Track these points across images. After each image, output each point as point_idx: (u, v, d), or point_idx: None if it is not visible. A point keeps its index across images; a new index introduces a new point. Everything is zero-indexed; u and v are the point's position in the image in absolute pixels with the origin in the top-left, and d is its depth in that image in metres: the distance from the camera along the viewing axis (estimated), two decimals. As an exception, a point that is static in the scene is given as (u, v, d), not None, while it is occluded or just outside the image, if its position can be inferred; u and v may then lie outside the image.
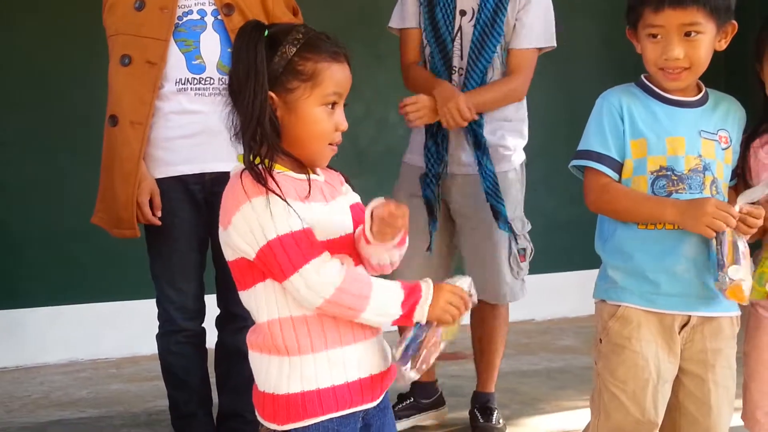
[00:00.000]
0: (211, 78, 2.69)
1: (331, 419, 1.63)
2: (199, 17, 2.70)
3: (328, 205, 1.67)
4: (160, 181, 2.74)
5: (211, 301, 2.91)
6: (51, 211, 4.52)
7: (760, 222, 1.93)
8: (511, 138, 3.17)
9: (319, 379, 1.62)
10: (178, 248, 2.80)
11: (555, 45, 3.24)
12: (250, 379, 2.78)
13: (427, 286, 1.63)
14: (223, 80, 2.66)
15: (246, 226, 1.58)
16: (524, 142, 3.27)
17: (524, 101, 3.24)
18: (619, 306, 2.06)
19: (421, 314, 1.62)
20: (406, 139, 3.38)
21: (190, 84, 2.70)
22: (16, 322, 4.50)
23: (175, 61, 2.69)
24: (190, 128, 2.72)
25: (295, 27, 1.68)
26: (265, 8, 2.73)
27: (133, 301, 4.59)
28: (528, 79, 3.16)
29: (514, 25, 3.08)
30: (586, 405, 3.27)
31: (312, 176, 1.67)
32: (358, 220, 1.70)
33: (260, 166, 1.61)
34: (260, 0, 2.74)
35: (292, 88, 1.63)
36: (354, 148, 4.74)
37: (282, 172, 1.63)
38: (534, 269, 5.33)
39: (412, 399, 3.38)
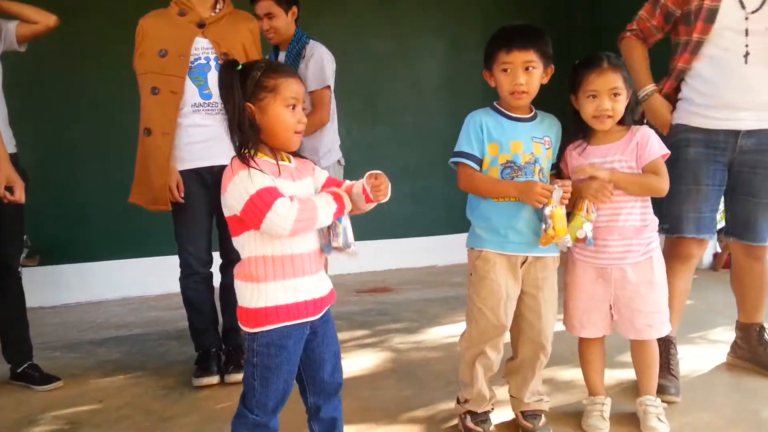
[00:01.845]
0: (216, 102, 2.66)
1: (286, 326, 1.64)
2: (205, 61, 2.68)
3: (295, 183, 1.68)
4: (182, 173, 2.71)
5: (216, 255, 2.88)
6: (109, 195, 4.46)
7: (567, 192, 1.96)
8: (322, 150, 3.16)
9: (278, 299, 1.63)
10: (194, 218, 2.76)
11: (328, 84, 3.11)
12: None
13: (338, 189, 1.72)
14: None
15: (236, 190, 1.59)
16: (330, 153, 3.22)
17: (330, 131, 3.21)
18: (482, 251, 2.06)
19: (348, 203, 1.70)
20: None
21: (203, 107, 2.68)
22: (86, 271, 4.46)
23: (191, 91, 2.67)
24: (202, 136, 2.69)
25: (259, 61, 1.73)
26: (246, 54, 2.72)
27: (165, 256, 4.53)
28: (322, 112, 3.10)
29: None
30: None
31: (283, 163, 1.68)
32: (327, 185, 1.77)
33: (246, 153, 1.62)
34: (243, 50, 2.73)
35: (262, 98, 1.64)
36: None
37: (262, 158, 1.65)
38: (437, 232, 5.45)
39: None
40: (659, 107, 2.50)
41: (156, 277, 4.55)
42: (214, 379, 2.72)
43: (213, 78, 2.67)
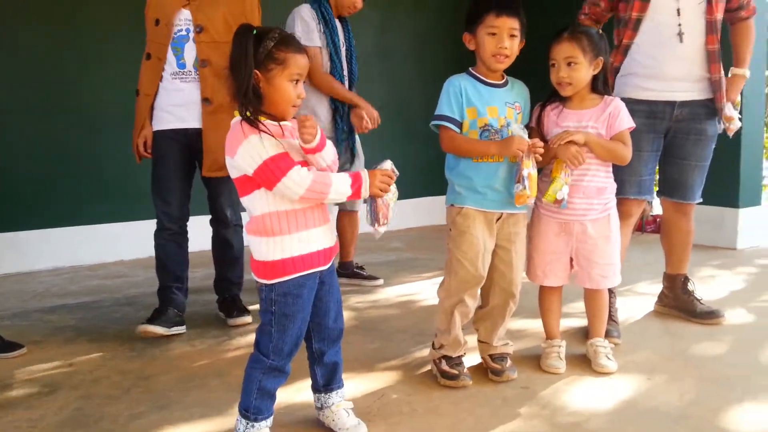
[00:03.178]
0: (190, 71, 2.86)
1: (300, 276, 1.76)
2: (185, 33, 2.86)
3: (295, 140, 1.75)
4: (161, 132, 2.91)
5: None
6: (36, 161, 4.33)
7: (540, 148, 2.16)
8: None
9: (293, 250, 1.74)
10: (167, 175, 2.92)
11: None
12: (233, 258, 3.06)
13: (364, 174, 1.78)
14: (197, 75, 2.85)
15: (247, 154, 1.67)
16: None
17: None
18: (462, 208, 2.23)
19: (365, 191, 1.77)
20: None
21: (178, 75, 2.87)
22: (15, 241, 4.31)
23: (171, 60, 2.86)
24: (180, 99, 2.88)
25: (273, 29, 1.74)
26: (227, 25, 2.83)
27: (99, 225, 4.52)
28: None
29: None
30: (415, 280, 3.58)
31: (284, 123, 1.76)
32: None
33: (253, 117, 1.69)
34: (223, 20, 2.85)
35: (270, 69, 1.70)
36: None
37: (265, 120, 1.71)
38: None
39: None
40: None
41: (87, 246, 4.49)
42: (159, 330, 2.84)
43: (189, 49, 2.84)
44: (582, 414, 2.09)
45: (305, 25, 3.29)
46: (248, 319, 3.03)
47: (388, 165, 1.82)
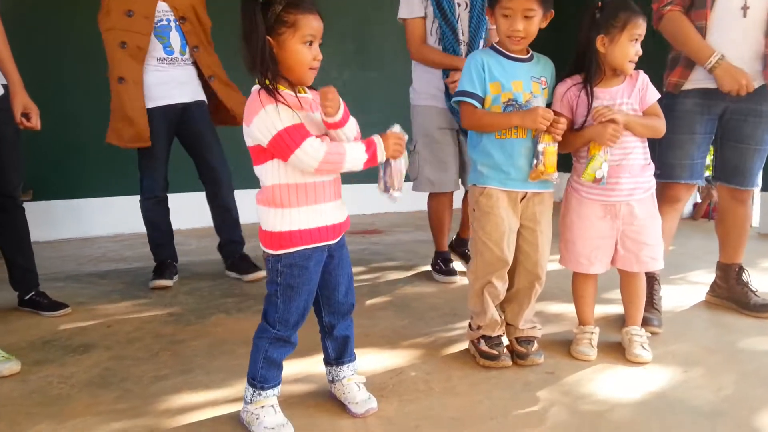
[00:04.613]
0: (177, 57, 3.22)
1: (307, 248, 1.73)
2: (166, 23, 3.15)
3: (314, 113, 1.73)
4: (150, 110, 3.16)
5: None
6: (101, 132, 4.47)
7: (561, 126, 2.05)
8: None
9: (301, 223, 1.71)
10: (157, 150, 3.23)
11: None
12: (234, 221, 3.35)
13: (377, 137, 1.73)
14: (183, 59, 3.22)
15: (263, 123, 1.63)
16: None
17: None
18: (485, 188, 2.16)
19: (381, 154, 1.72)
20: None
21: (165, 61, 3.20)
22: (78, 207, 4.52)
23: (156, 47, 3.16)
24: (166, 78, 3.20)
25: None
26: (197, 15, 3.24)
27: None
28: None
29: None
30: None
31: (302, 95, 1.72)
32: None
33: (270, 86, 1.66)
34: (194, 11, 3.22)
35: (281, 33, 1.65)
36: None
37: (283, 90, 1.68)
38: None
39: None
40: (734, 69, 2.47)
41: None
42: (169, 282, 3.28)
43: (174, 37, 3.19)
44: (605, 403, 1.99)
45: None
46: (262, 273, 3.25)
47: (397, 128, 1.78)
